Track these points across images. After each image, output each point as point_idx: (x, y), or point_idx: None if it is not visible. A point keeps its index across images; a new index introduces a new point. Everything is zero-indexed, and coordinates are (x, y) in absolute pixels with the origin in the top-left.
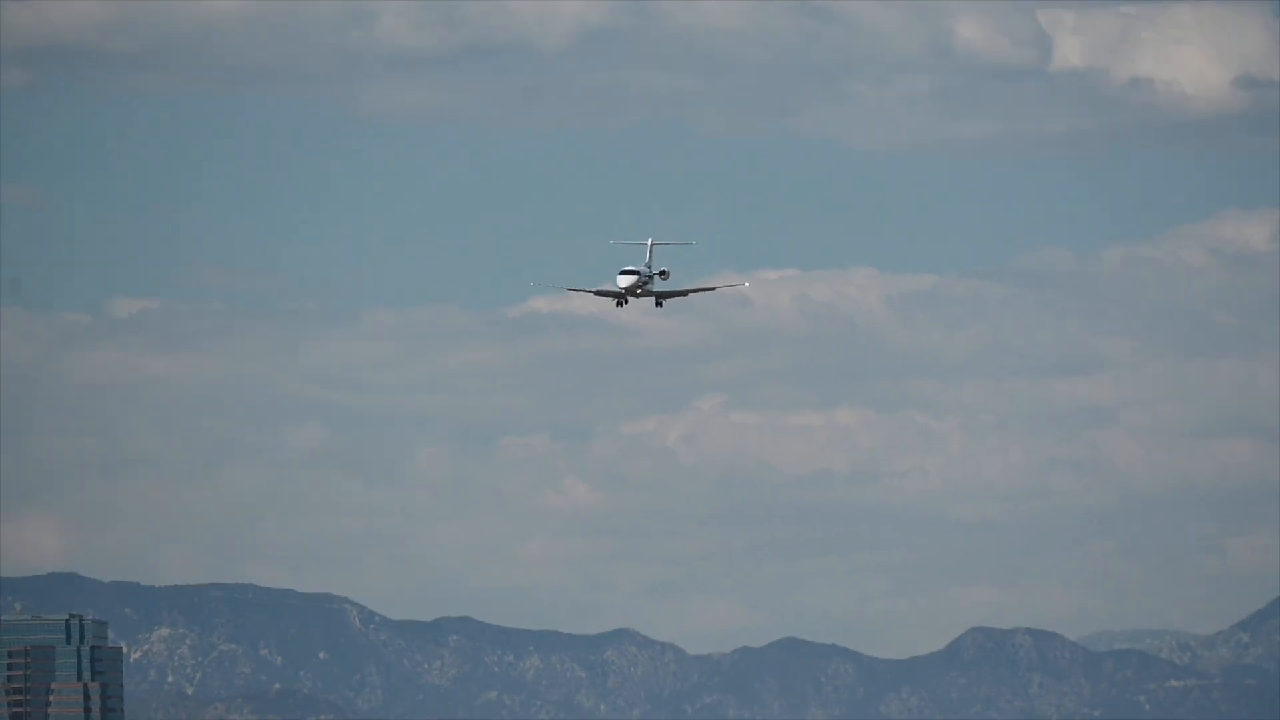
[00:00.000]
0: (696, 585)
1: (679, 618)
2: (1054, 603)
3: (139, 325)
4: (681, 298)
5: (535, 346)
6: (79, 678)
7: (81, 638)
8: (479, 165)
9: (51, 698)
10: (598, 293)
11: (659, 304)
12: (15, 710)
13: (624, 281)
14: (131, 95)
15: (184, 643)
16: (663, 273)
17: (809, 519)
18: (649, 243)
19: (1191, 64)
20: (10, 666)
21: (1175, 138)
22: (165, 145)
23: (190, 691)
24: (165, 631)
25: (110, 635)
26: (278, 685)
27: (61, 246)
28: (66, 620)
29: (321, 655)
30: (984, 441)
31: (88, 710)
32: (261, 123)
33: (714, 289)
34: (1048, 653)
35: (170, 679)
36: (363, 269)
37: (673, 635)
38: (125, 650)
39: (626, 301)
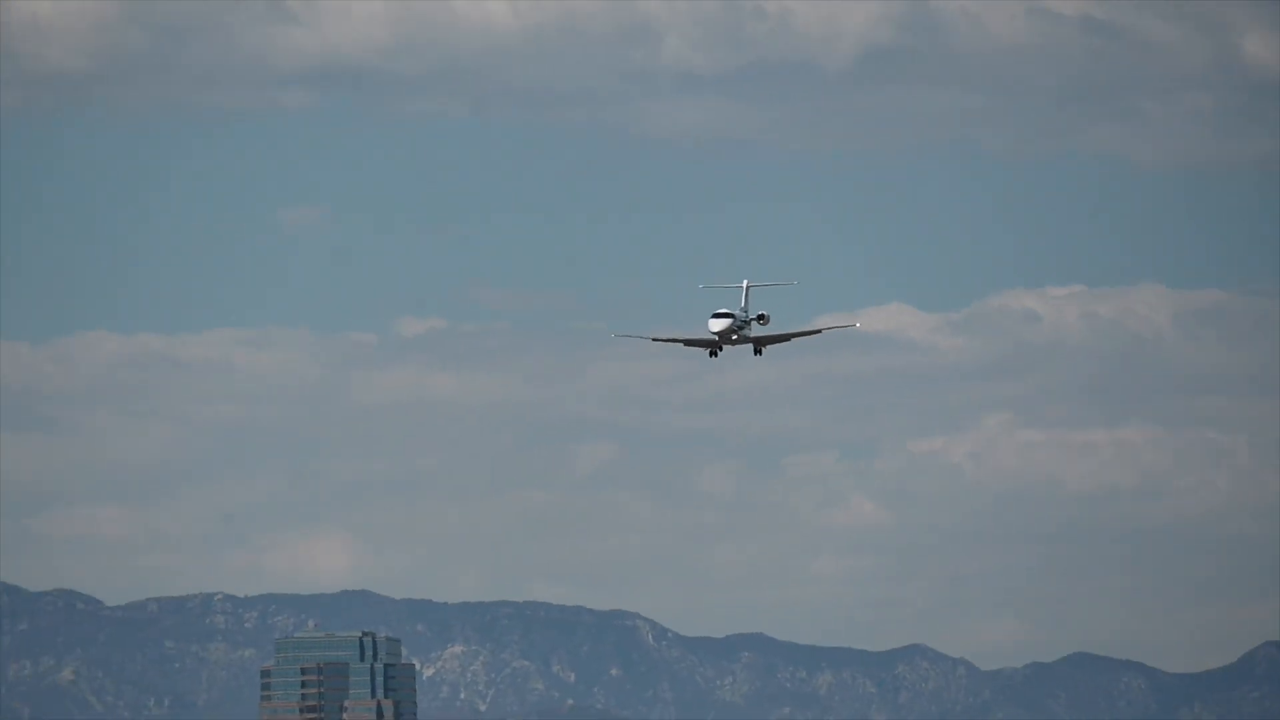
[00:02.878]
0: (986, 601)
1: (969, 633)
2: None
3: (426, 345)
4: (783, 343)
5: (822, 365)
6: (372, 694)
7: (375, 655)
8: (762, 185)
9: (345, 715)
10: (688, 343)
11: (758, 351)
12: None
13: (716, 326)
14: (414, 117)
15: (477, 660)
16: (761, 316)
17: (1097, 535)
18: (745, 285)
19: None
20: (304, 684)
21: None
22: (452, 166)
23: (483, 709)
24: (458, 649)
25: (403, 652)
26: (570, 702)
27: (348, 267)
28: (360, 638)
29: (614, 672)
30: (1273, 457)
31: None
32: (546, 143)
33: (820, 331)
34: None
35: (463, 696)
36: (649, 289)
37: (963, 650)
38: (418, 667)
39: (720, 350)
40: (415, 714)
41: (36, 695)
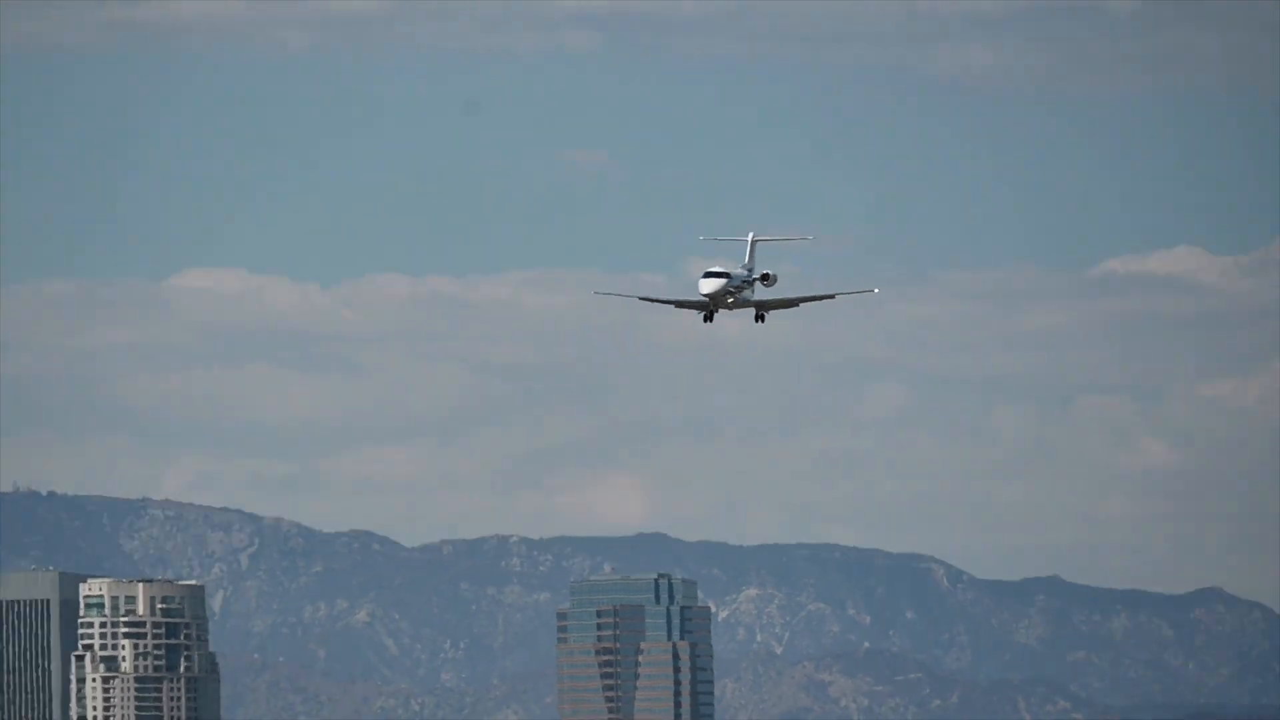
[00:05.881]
0: None
1: (1265, 576)
2: None
3: None
4: (790, 309)
5: (1113, 307)
6: (668, 637)
7: (671, 598)
8: (1053, 126)
9: (641, 657)
10: (679, 304)
11: (760, 318)
12: (606, 669)
13: (706, 287)
14: (698, 58)
15: (772, 602)
16: (765, 276)
17: None
18: (750, 238)
19: None
20: (600, 626)
21: None
22: (735, 106)
23: (778, 651)
24: (753, 591)
25: (699, 595)
26: (866, 645)
27: (635, 206)
28: (655, 580)
29: (909, 614)
30: None
31: (677, 669)
32: (834, 84)
33: (833, 297)
34: None
35: (758, 638)
36: (939, 230)
37: (1259, 594)
38: (713, 610)
39: (713, 315)
40: (711, 656)
41: (332, 637)
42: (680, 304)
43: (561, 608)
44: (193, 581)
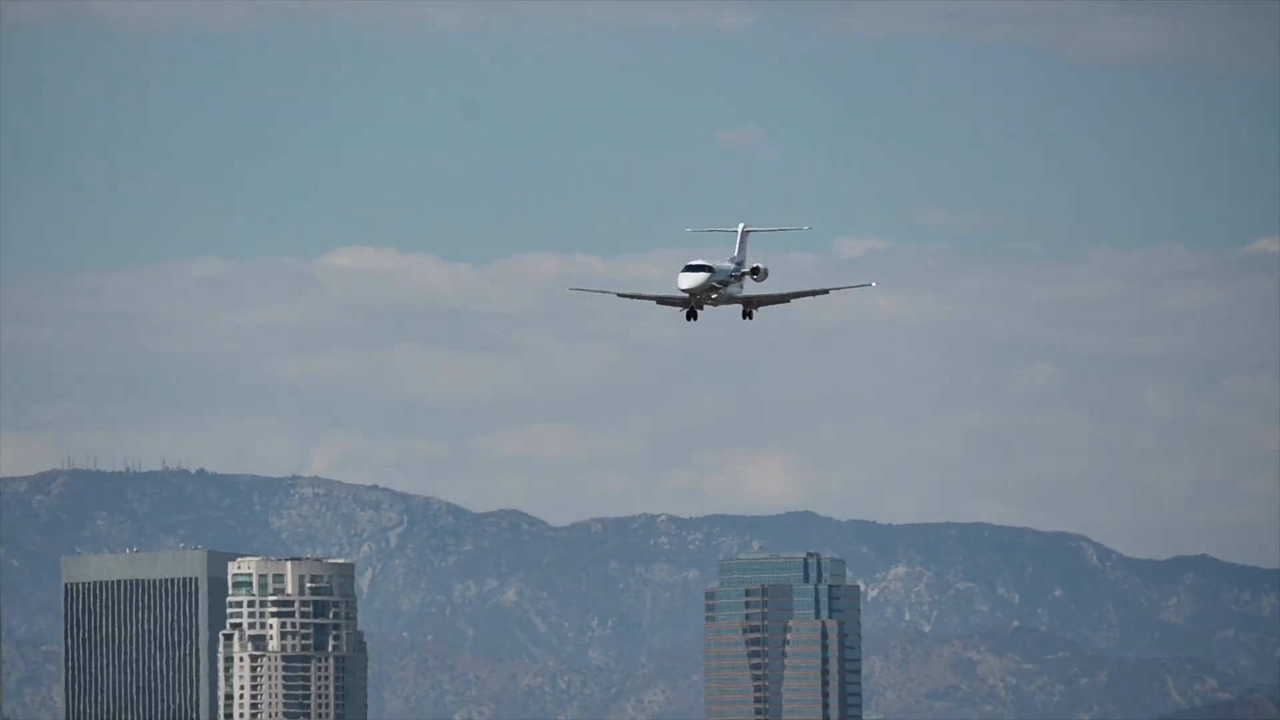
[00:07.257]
0: None
1: None
2: None
3: (865, 266)
4: (780, 304)
5: (1262, 286)
6: (816, 615)
7: (819, 576)
8: (1205, 104)
9: (789, 635)
10: (661, 300)
11: (748, 314)
12: (753, 647)
13: (686, 283)
14: (849, 37)
15: (920, 581)
16: (755, 270)
17: None
18: (740, 229)
19: None
20: (748, 604)
21: None
22: (888, 85)
23: (927, 629)
24: (902, 570)
25: (847, 574)
26: (1015, 623)
27: (788, 185)
28: (804, 558)
29: (1058, 593)
30: None
31: (825, 647)
32: (984, 63)
33: (827, 291)
34: None
35: (907, 617)
36: (1090, 209)
37: None
38: (862, 588)
39: (697, 314)
40: (859, 635)
41: (481, 616)
42: (661, 300)
43: (710, 586)
44: (341, 560)
